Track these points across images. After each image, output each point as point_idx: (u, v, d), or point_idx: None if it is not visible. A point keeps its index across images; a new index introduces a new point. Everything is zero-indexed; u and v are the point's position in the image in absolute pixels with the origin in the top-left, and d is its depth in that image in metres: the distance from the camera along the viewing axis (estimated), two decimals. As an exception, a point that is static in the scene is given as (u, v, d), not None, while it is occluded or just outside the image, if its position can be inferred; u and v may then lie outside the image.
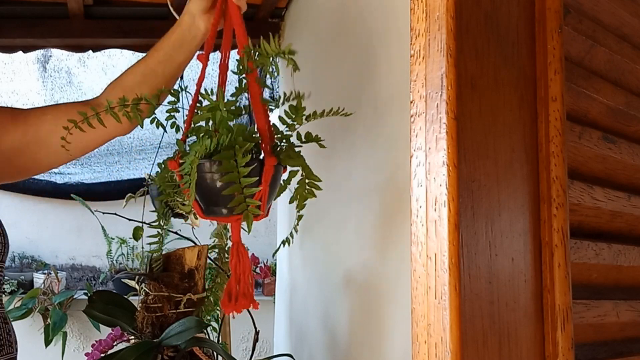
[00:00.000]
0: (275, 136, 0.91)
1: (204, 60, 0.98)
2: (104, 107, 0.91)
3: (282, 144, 0.90)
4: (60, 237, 3.40)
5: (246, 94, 0.91)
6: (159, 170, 1.02)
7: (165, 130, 0.98)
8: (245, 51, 0.87)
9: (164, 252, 1.30)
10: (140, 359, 1.13)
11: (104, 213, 1.96)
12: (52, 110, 1.05)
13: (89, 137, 1.01)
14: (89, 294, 1.50)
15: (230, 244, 0.90)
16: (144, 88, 1.02)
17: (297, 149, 0.90)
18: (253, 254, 2.12)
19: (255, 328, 1.42)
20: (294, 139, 0.90)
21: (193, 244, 1.39)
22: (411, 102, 0.66)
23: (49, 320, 2.97)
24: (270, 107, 1.01)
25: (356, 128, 1.29)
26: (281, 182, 0.92)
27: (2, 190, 3.27)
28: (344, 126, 1.37)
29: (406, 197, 0.66)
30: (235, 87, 0.90)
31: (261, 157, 0.86)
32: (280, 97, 0.96)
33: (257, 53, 0.86)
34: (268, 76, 2.65)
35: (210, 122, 0.84)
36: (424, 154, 0.63)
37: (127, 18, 2.07)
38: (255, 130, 0.89)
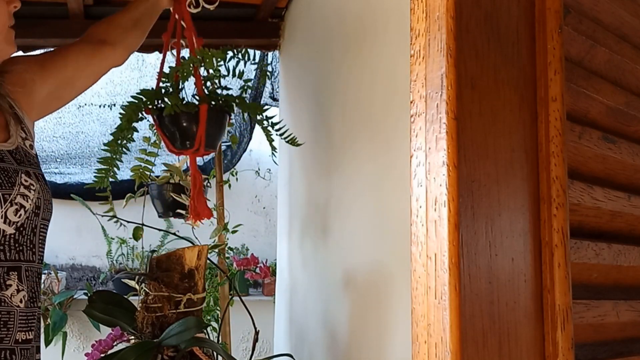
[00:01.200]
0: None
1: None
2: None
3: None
4: (60, 237, 3.40)
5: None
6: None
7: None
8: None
9: (163, 252, 1.30)
10: (140, 359, 1.13)
11: (102, 215, 1.96)
12: (70, 53, 1.24)
13: (97, 69, 1.29)
14: (89, 294, 1.50)
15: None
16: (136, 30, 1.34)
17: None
18: (252, 254, 2.12)
19: (255, 328, 1.42)
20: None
21: (192, 244, 1.39)
22: (411, 102, 0.66)
23: (49, 320, 2.96)
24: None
25: (356, 128, 1.29)
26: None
27: (2, 191, 3.26)
28: (344, 126, 1.37)
29: (406, 197, 0.66)
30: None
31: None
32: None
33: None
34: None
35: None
36: (424, 154, 0.63)
37: (127, 18, 2.06)
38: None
